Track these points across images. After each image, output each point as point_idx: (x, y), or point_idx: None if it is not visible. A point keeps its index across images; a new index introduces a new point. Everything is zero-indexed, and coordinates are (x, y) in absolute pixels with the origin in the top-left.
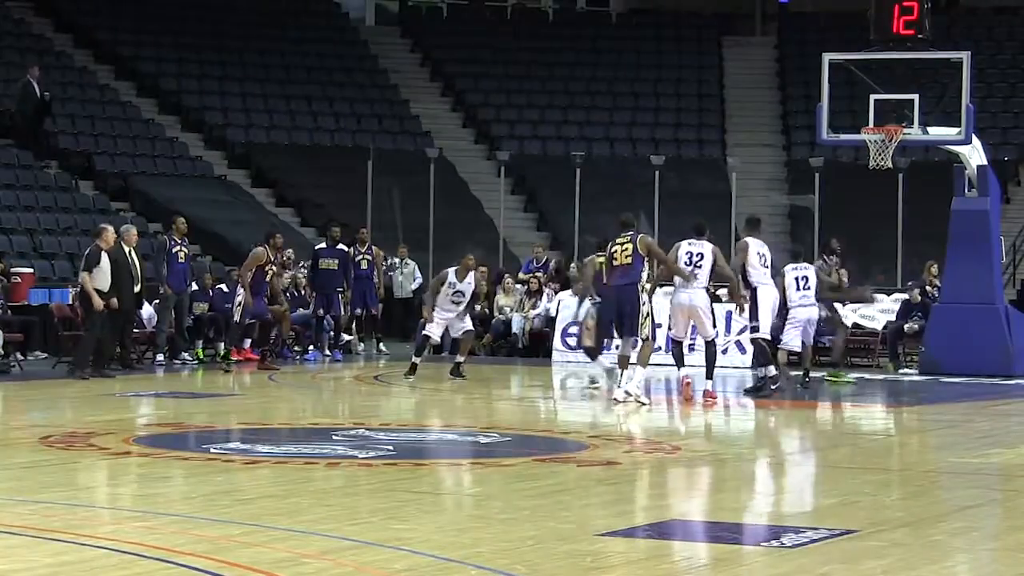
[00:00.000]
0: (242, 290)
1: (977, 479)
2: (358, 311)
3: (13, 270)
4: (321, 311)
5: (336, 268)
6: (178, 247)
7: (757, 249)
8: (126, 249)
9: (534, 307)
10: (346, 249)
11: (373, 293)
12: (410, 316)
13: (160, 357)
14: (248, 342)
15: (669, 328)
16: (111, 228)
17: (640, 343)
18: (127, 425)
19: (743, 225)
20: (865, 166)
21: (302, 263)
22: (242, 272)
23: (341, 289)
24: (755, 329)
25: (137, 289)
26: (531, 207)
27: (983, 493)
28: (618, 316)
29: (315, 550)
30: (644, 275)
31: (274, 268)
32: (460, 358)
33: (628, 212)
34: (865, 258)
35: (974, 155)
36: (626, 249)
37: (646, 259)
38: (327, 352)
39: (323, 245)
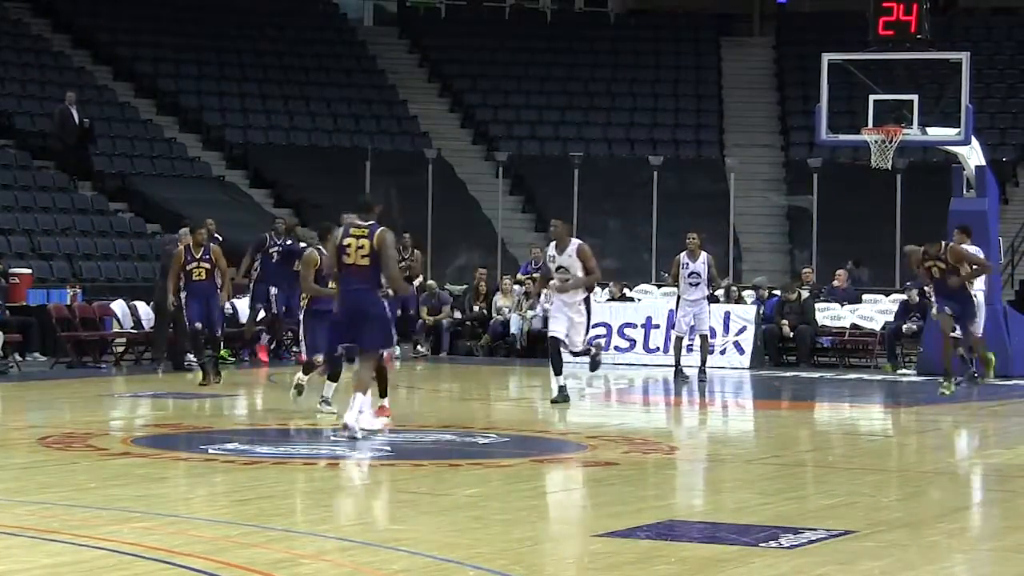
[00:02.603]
0: (175, 297)
1: (975, 480)
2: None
3: (11, 271)
4: None
5: None
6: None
7: None
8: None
9: (532, 308)
10: None
11: (412, 296)
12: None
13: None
14: (266, 338)
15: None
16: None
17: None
18: (126, 426)
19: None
20: (863, 167)
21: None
22: (170, 278)
23: None
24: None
25: None
26: (529, 207)
27: (981, 494)
28: (352, 326)
29: (313, 551)
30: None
31: (205, 267)
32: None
33: (367, 193)
34: (863, 259)
35: (972, 156)
36: (362, 247)
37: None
38: None
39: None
